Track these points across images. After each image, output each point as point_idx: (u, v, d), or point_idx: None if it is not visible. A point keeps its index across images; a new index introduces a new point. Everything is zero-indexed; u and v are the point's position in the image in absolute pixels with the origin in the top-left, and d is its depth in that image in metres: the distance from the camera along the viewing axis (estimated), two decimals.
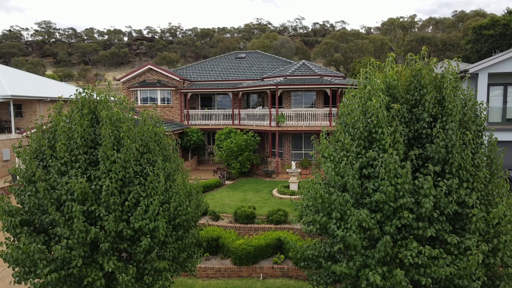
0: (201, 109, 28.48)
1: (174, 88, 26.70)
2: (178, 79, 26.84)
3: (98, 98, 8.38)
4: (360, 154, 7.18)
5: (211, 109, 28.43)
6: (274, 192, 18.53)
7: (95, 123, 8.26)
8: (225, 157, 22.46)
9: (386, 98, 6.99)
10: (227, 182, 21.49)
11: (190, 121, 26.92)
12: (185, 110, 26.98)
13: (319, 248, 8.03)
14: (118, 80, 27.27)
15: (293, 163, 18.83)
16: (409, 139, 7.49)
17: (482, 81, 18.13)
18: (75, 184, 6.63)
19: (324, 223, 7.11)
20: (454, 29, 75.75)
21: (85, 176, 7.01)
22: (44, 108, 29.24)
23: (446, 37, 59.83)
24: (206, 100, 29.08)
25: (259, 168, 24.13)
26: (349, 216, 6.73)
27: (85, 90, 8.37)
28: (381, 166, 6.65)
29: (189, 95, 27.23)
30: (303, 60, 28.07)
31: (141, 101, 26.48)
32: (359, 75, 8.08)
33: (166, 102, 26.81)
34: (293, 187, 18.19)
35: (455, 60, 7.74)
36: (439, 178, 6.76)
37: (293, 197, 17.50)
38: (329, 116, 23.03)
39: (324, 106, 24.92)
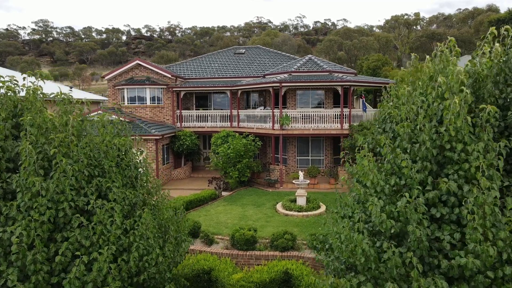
0: (195, 109, 25.70)
1: (165, 86, 23.94)
2: (170, 76, 24.07)
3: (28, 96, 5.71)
4: (426, 183, 4.50)
5: (207, 109, 25.64)
6: (278, 207, 15.83)
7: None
8: (222, 164, 19.75)
9: (471, 96, 4.32)
10: (224, 193, 18.79)
11: (183, 123, 24.15)
12: (178, 111, 24.23)
13: None
14: (103, 77, 24.52)
15: (301, 173, 16.12)
16: None
17: None
18: None
19: None
20: (464, 25, 72.83)
21: None
22: None
23: (457, 33, 56.97)
24: (202, 100, 26.26)
25: (261, 176, 21.40)
26: None
27: (9, 83, 5.71)
28: (472, 208, 3.96)
29: (182, 94, 24.46)
30: (310, 55, 25.27)
31: (128, 101, 23.71)
32: (414, 61, 5.41)
33: (156, 101, 24.01)
34: (301, 201, 15.49)
35: None
36: None
37: (301, 213, 14.79)
38: (340, 118, 20.30)
39: (334, 106, 22.21)
